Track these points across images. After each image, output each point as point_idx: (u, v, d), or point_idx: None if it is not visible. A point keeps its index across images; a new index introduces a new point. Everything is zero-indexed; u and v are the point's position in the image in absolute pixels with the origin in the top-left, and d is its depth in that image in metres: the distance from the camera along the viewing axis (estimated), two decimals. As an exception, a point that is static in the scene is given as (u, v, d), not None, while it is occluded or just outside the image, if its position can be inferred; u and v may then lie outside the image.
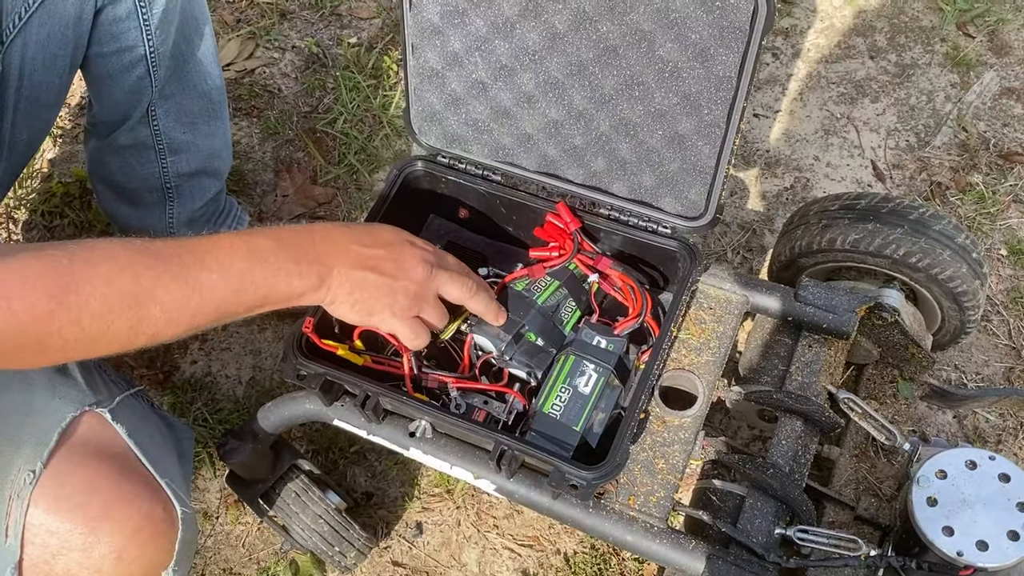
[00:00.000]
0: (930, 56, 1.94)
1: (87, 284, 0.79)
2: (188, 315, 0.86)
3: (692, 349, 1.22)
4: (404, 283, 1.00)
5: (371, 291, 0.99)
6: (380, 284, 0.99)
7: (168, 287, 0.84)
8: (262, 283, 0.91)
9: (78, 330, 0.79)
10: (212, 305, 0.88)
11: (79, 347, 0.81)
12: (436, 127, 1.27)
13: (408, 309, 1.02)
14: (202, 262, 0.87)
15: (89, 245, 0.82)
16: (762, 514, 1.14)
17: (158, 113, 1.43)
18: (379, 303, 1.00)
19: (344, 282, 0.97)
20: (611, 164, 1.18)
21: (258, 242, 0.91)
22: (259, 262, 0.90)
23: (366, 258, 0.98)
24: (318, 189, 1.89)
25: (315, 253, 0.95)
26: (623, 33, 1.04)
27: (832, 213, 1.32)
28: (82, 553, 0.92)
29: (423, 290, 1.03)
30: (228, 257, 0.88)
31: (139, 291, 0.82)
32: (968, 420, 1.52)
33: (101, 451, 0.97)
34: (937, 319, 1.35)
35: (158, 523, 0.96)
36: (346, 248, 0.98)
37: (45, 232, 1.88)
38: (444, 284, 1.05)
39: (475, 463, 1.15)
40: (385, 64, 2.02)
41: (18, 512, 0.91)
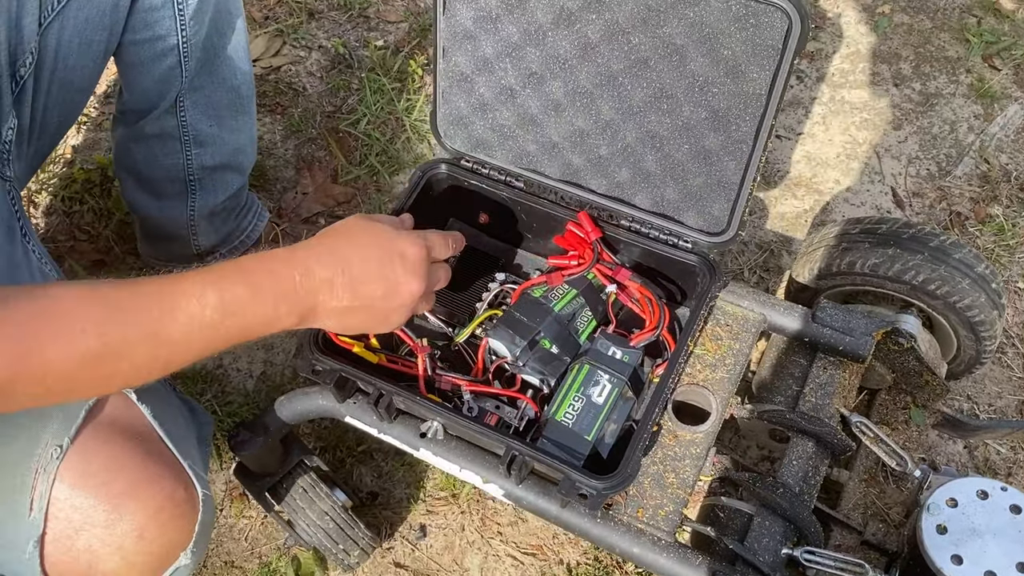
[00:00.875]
0: (955, 86, 1.94)
1: (50, 346, 0.76)
2: (160, 366, 0.83)
3: (707, 365, 1.22)
4: (398, 305, 0.97)
5: (362, 319, 0.96)
6: (370, 313, 0.96)
7: (135, 345, 0.80)
8: (235, 330, 0.86)
9: (43, 389, 0.78)
10: (184, 353, 0.84)
11: (48, 399, 0.80)
12: (462, 131, 1.27)
13: (402, 320, 1.00)
14: (170, 315, 0.82)
15: (52, 296, 0.78)
16: (770, 533, 1.14)
17: (186, 104, 1.44)
18: (372, 327, 0.99)
19: (331, 315, 0.93)
20: (635, 176, 1.19)
21: (231, 292, 0.85)
22: (231, 314, 0.85)
23: (354, 294, 0.93)
24: (338, 188, 1.90)
25: (296, 296, 0.89)
26: (655, 46, 1.05)
27: (852, 236, 1.32)
28: (104, 529, 0.93)
29: (417, 300, 0.99)
30: (198, 310, 0.83)
31: (104, 350, 0.78)
32: (979, 451, 1.51)
33: (127, 430, 0.98)
34: (953, 348, 1.35)
35: (180, 504, 0.97)
36: (332, 284, 0.91)
37: (64, 217, 1.89)
38: (439, 282, 1.05)
39: (484, 467, 1.15)
40: (411, 68, 2.03)
41: (44, 486, 0.92)
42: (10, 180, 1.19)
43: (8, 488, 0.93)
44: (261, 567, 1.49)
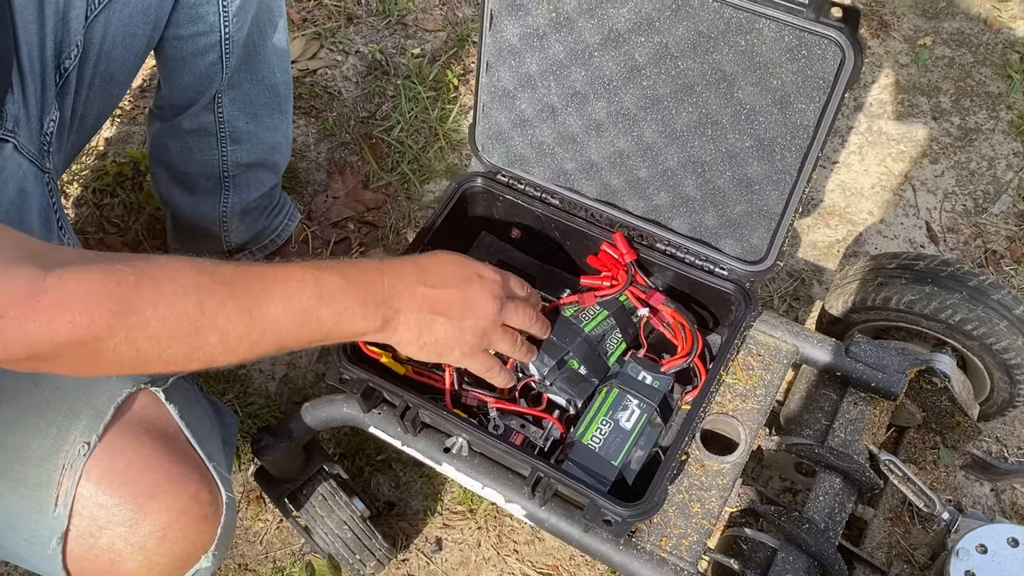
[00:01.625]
0: (994, 122, 1.92)
1: (150, 305, 0.78)
2: (247, 346, 0.85)
3: (737, 395, 1.21)
4: (472, 322, 1.00)
5: (439, 334, 0.98)
6: (448, 326, 0.99)
7: (231, 317, 0.83)
8: (327, 320, 0.90)
9: (133, 350, 0.79)
10: (273, 337, 0.86)
11: (131, 365, 0.81)
12: (500, 146, 1.27)
13: (477, 346, 1.02)
14: (269, 294, 0.86)
15: (158, 263, 0.81)
16: (793, 569, 1.12)
17: (224, 101, 1.44)
18: (447, 345, 1.00)
19: (412, 326, 0.97)
20: (674, 200, 1.18)
21: (327, 279, 0.90)
22: (326, 300, 0.89)
23: (433, 300, 0.98)
24: (368, 194, 1.90)
25: (383, 295, 0.94)
26: (703, 72, 1.04)
27: (889, 271, 1.31)
28: (128, 529, 0.92)
29: (491, 325, 1.02)
30: (296, 292, 0.87)
31: (201, 318, 0.81)
32: (1006, 495, 1.49)
33: (154, 429, 0.97)
34: (986, 389, 1.33)
35: (204, 506, 0.96)
36: (414, 290, 0.97)
37: (95, 209, 1.90)
38: (511, 316, 1.05)
39: (508, 487, 1.14)
40: (446, 78, 2.03)
41: (70, 483, 0.92)
42: (49, 172, 1.19)
43: (35, 483, 0.93)
44: (275, 572, 1.48)
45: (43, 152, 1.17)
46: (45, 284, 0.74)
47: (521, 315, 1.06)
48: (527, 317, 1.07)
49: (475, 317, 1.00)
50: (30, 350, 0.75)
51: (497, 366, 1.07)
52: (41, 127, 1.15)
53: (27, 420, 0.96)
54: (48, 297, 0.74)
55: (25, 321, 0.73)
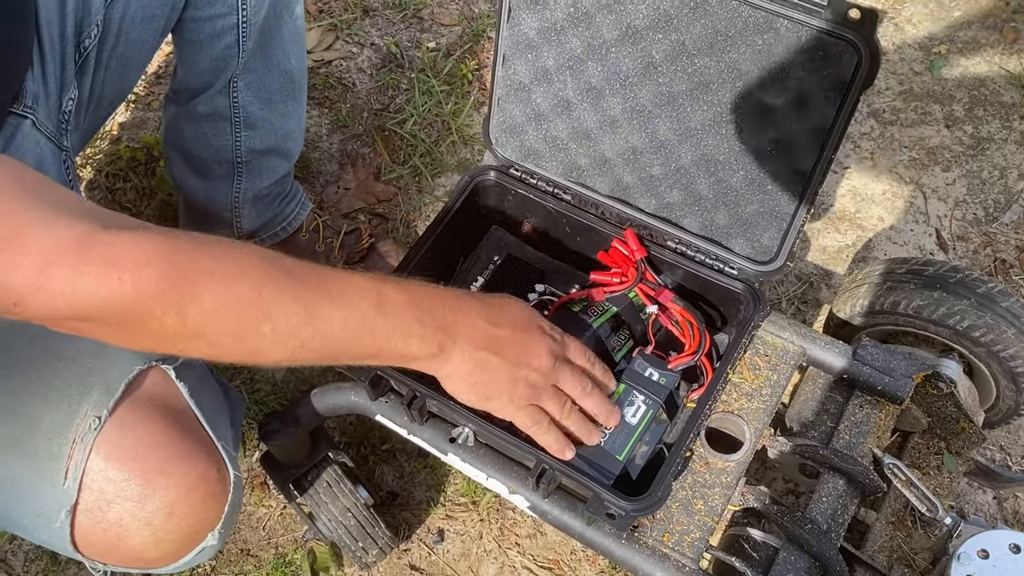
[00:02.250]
0: (1007, 132, 1.92)
1: (206, 276, 0.75)
2: (295, 343, 0.81)
3: (743, 394, 1.21)
4: (526, 372, 0.96)
5: (491, 375, 0.94)
6: (502, 369, 0.94)
7: (287, 308, 0.79)
8: (381, 335, 0.86)
9: (181, 322, 0.75)
10: (323, 341, 0.83)
11: (174, 341, 0.77)
12: (514, 139, 1.27)
13: (527, 398, 0.97)
14: (328, 293, 0.82)
15: (218, 240, 0.79)
16: (795, 569, 1.12)
17: (239, 86, 1.45)
18: (498, 388, 0.95)
19: (465, 360, 0.93)
20: (686, 198, 1.18)
21: (389, 292, 0.87)
22: (385, 313, 0.86)
23: (491, 338, 0.94)
24: (380, 186, 1.90)
25: (442, 320, 0.91)
26: (720, 70, 1.04)
27: (898, 276, 1.31)
28: (136, 504, 0.93)
29: (544, 381, 0.98)
30: (357, 296, 0.84)
31: (257, 301, 0.78)
32: (1008, 503, 1.49)
33: (164, 407, 0.98)
34: (992, 396, 1.33)
35: (212, 484, 0.97)
36: (474, 322, 0.93)
37: (107, 193, 1.91)
38: (564, 379, 1.00)
39: (512, 478, 1.15)
40: (461, 72, 2.04)
41: (80, 456, 0.92)
42: (67, 150, 1.20)
43: (45, 455, 0.94)
44: (276, 557, 1.49)
45: (61, 130, 1.18)
46: (99, 237, 0.72)
47: (575, 381, 1.01)
48: (580, 386, 1.02)
49: (530, 367, 0.96)
50: (74, 305, 0.72)
51: (546, 423, 1.01)
52: (60, 105, 1.15)
53: (39, 392, 0.97)
54: (100, 249, 0.71)
55: (74, 272, 0.70)
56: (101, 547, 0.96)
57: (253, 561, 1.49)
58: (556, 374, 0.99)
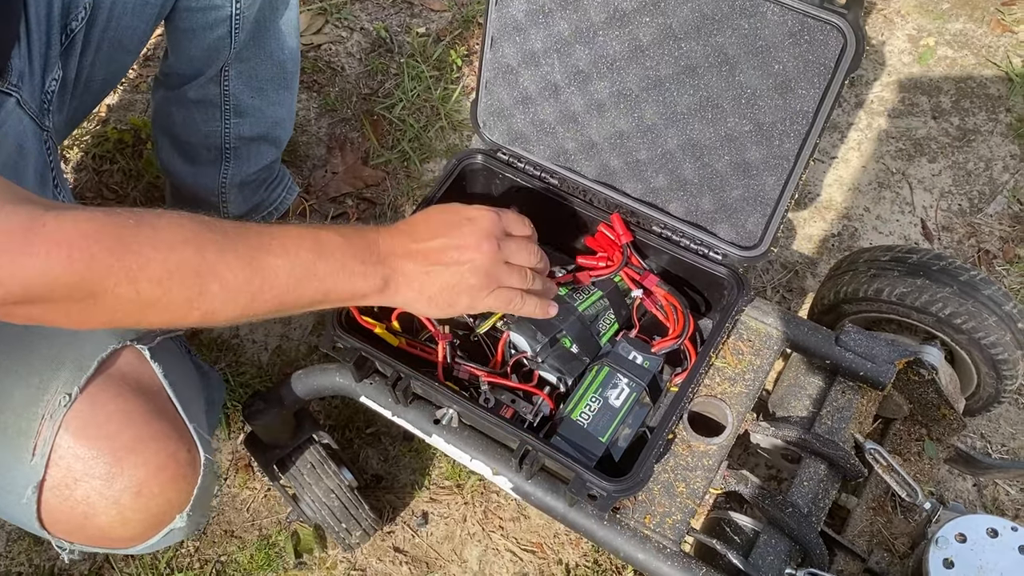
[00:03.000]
0: (993, 124, 1.93)
1: (149, 247, 0.77)
2: (247, 297, 0.84)
3: (726, 378, 1.22)
4: (470, 264, 0.96)
5: (440, 283, 0.95)
6: (446, 274, 0.95)
7: (231, 265, 0.82)
8: (326, 278, 0.88)
9: (133, 292, 0.77)
10: (272, 292, 0.85)
11: (131, 310, 0.79)
12: (502, 123, 1.27)
13: (486, 285, 0.97)
14: (268, 246, 0.85)
15: (157, 212, 0.81)
16: (775, 552, 1.13)
17: (231, 74, 1.44)
18: (453, 292, 0.96)
19: (412, 282, 0.95)
20: (672, 183, 1.19)
21: (325, 236, 0.89)
22: (325, 256, 0.88)
23: (426, 252, 0.95)
24: (368, 171, 1.90)
25: (379, 254, 0.93)
26: (706, 54, 1.05)
27: (882, 264, 1.32)
28: (103, 482, 0.93)
29: (492, 263, 0.97)
30: (294, 245, 0.86)
31: (201, 264, 0.80)
32: (988, 490, 1.50)
33: (136, 386, 0.98)
34: (972, 383, 1.34)
35: (182, 465, 0.97)
36: (407, 248, 0.95)
37: (94, 175, 1.90)
38: (511, 253, 1.00)
39: (496, 459, 1.15)
40: (450, 58, 2.03)
41: (48, 432, 0.92)
42: (48, 130, 1.20)
43: (14, 431, 0.94)
44: (260, 539, 1.49)
45: (43, 110, 1.17)
46: (43, 220, 0.74)
47: (523, 252, 1.02)
48: (528, 253, 1.02)
49: (471, 259, 0.96)
50: (25, 288, 0.73)
51: (519, 296, 1.01)
52: (43, 84, 1.15)
53: (10, 367, 0.96)
54: (46, 232, 0.73)
55: (21, 255, 0.72)
56: (67, 525, 0.96)
57: (237, 542, 1.49)
58: (502, 252, 0.99)
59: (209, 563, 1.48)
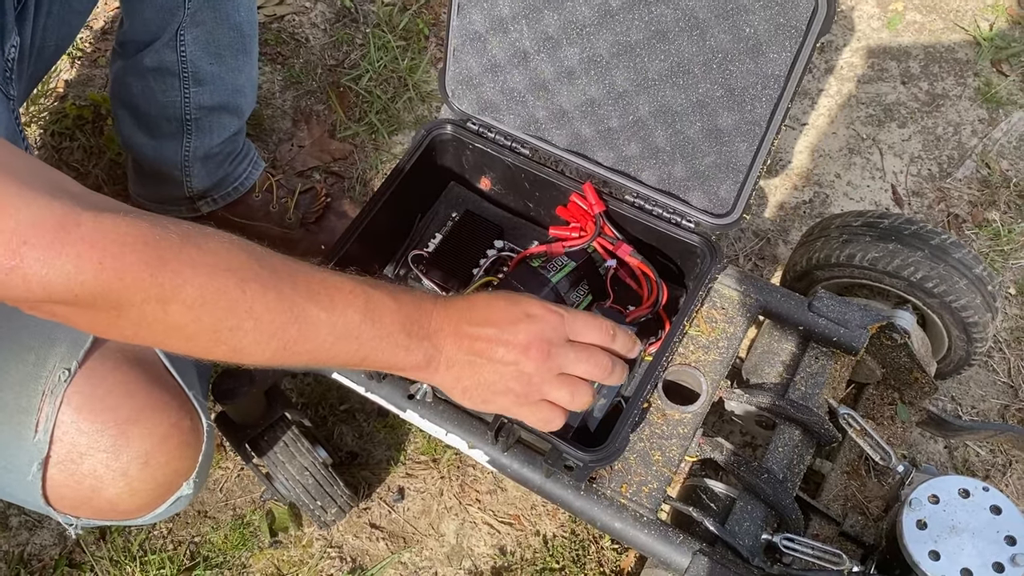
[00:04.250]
0: (962, 89, 1.94)
1: (190, 268, 0.71)
2: (278, 344, 0.77)
3: (700, 346, 1.22)
4: (515, 368, 0.86)
5: (480, 378, 0.87)
6: (490, 371, 0.86)
7: (270, 305, 0.75)
8: (367, 343, 0.81)
9: (161, 312, 0.72)
10: (308, 345, 0.78)
11: (153, 331, 0.74)
12: (470, 92, 1.25)
13: (527, 396, 0.88)
14: (315, 295, 0.78)
15: (204, 230, 0.75)
16: (751, 518, 1.14)
17: (187, 39, 1.41)
18: (491, 392, 0.87)
19: (452, 367, 0.86)
20: (644, 151, 1.17)
21: (378, 298, 0.82)
22: (372, 320, 0.81)
23: (475, 339, 0.86)
24: (335, 144, 1.87)
25: (428, 329, 0.85)
26: (676, 18, 1.03)
27: (854, 229, 1.32)
28: (110, 455, 0.93)
29: (540, 372, 0.87)
30: (343, 301, 0.79)
31: (240, 298, 0.74)
32: (959, 452, 1.52)
33: (133, 358, 0.97)
34: (944, 347, 1.35)
35: (186, 433, 0.97)
36: (458, 327, 0.86)
37: (53, 153, 1.85)
38: (569, 365, 0.89)
39: (471, 433, 1.14)
40: (417, 27, 2.00)
41: (50, 409, 0.92)
42: (13, 99, 1.17)
43: (14, 408, 0.93)
44: (234, 519, 1.48)
45: (6, 78, 1.14)
46: (80, 218, 0.68)
47: (584, 363, 0.89)
48: (594, 366, 0.90)
49: (515, 361, 0.86)
50: (49, 288, 0.68)
51: (559, 419, 0.90)
52: (2, 52, 1.11)
53: (3, 345, 0.95)
54: (81, 231, 0.67)
55: (50, 252, 0.66)
56: (74, 500, 0.96)
57: (210, 523, 1.47)
58: (555, 360, 0.87)
59: (183, 544, 1.46)
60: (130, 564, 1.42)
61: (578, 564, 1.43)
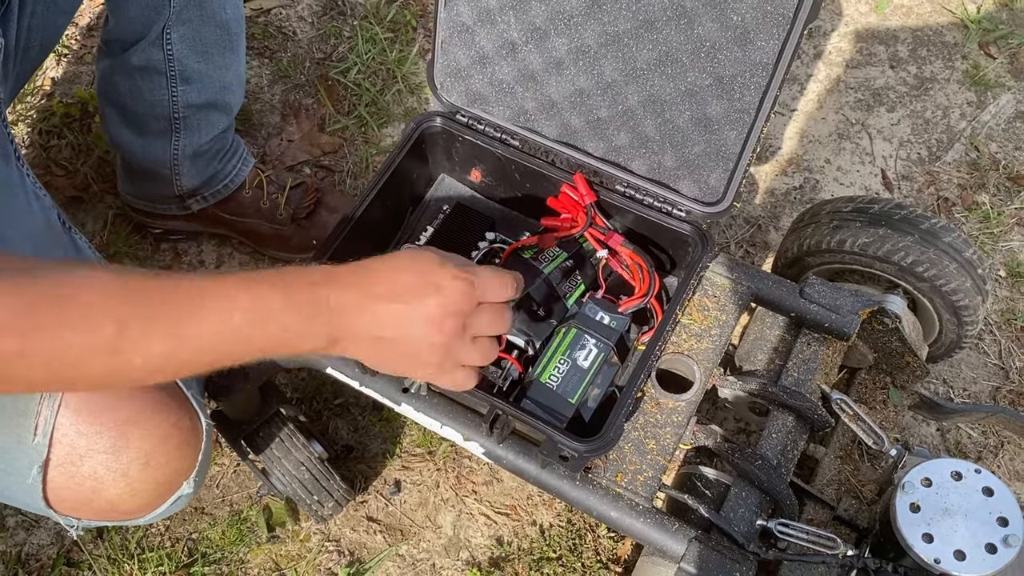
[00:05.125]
0: (950, 72, 1.94)
1: (65, 328, 0.70)
2: (174, 367, 0.76)
3: (693, 335, 1.22)
4: (430, 343, 0.84)
5: (393, 354, 0.84)
6: (401, 347, 0.84)
7: (154, 338, 0.73)
8: (261, 342, 0.78)
9: (47, 374, 0.71)
10: (202, 359, 0.77)
11: (47, 386, 0.76)
12: (459, 84, 1.25)
13: (442, 366, 0.86)
14: (197, 311, 0.75)
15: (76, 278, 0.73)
16: (746, 504, 1.14)
17: (173, 38, 1.40)
18: (406, 365, 0.86)
19: (359, 342, 0.83)
20: (634, 140, 1.17)
21: (265, 296, 0.78)
22: (260, 322, 0.78)
23: (383, 316, 0.82)
24: (325, 138, 1.86)
25: (328, 312, 0.81)
26: (664, 7, 1.03)
27: (844, 214, 1.32)
28: (110, 456, 0.93)
29: (454, 343, 0.85)
30: (228, 308, 0.76)
31: (123, 342, 0.72)
32: (951, 434, 1.53)
33: None
34: (935, 330, 1.36)
35: (185, 432, 0.97)
36: (361, 304, 0.82)
37: (41, 151, 1.84)
38: (482, 329, 0.87)
39: (466, 425, 1.14)
40: (405, 18, 1.99)
41: (49, 411, 0.92)
42: (1, 101, 1.16)
43: (11, 411, 0.93)
44: (232, 515, 1.48)
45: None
46: None
47: (494, 324, 0.88)
48: (501, 323, 0.89)
49: (427, 336, 0.83)
50: None
51: (473, 379, 0.90)
52: None
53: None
54: None
55: None
56: (75, 502, 0.96)
57: (208, 519, 1.48)
58: (470, 332, 0.86)
59: (180, 541, 1.46)
60: (128, 562, 1.43)
61: (575, 553, 1.44)
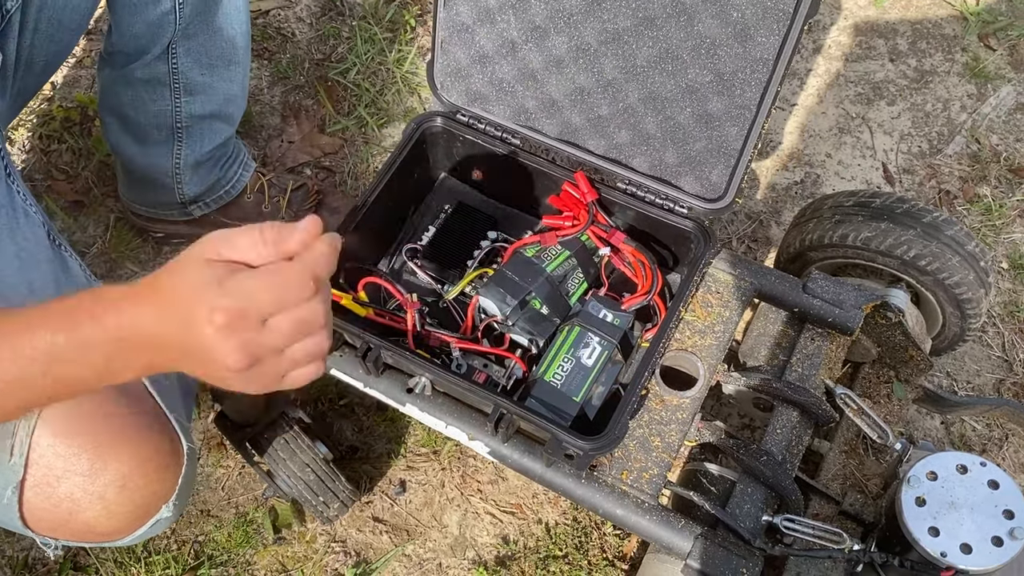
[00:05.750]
0: (950, 64, 1.94)
1: None
2: None
3: (696, 331, 1.22)
4: (231, 380, 0.71)
5: (209, 381, 0.74)
6: (209, 379, 0.73)
7: None
8: (68, 379, 0.72)
9: None
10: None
11: None
12: (459, 83, 1.25)
13: (265, 385, 0.73)
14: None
15: None
16: (751, 500, 1.14)
17: (179, 52, 1.39)
18: (217, 381, 0.73)
19: (179, 367, 0.73)
20: (635, 138, 1.17)
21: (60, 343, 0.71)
22: (58, 360, 0.71)
23: (162, 361, 0.73)
24: (325, 138, 1.86)
25: (128, 354, 0.72)
26: (664, 4, 1.03)
27: (846, 209, 1.32)
28: (87, 478, 0.92)
29: (262, 371, 0.71)
30: (28, 351, 0.70)
31: None
32: (955, 427, 1.53)
33: None
34: (938, 324, 1.36)
35: (165, 456, 0.96)
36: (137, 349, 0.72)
37: (41, 156, 1.84)
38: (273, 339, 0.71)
39: (471, 424, 1.15)
40: (403, 18, 1.99)
41: (24, 432, 0.91)
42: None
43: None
44: (237, 517, 1.48)
45: None
46: None
47: (291, 333, 0.71)
48: (294, 332, 0.71)
49: (228, 381, 0.72)
50: None
51: (315, 369, 0.75)
52: None
53: None
54: None
55: None
56: (51, 522, 0.95)
57: (214, 521, 1.48)
58: (269, 360, 0.71)
59: (187, 544, 1.46)
60: (135, 565, 1.43)
61: (581, 551, 1.44)
